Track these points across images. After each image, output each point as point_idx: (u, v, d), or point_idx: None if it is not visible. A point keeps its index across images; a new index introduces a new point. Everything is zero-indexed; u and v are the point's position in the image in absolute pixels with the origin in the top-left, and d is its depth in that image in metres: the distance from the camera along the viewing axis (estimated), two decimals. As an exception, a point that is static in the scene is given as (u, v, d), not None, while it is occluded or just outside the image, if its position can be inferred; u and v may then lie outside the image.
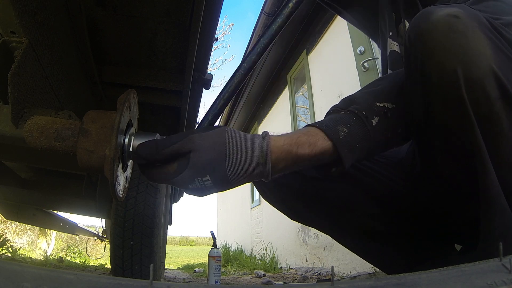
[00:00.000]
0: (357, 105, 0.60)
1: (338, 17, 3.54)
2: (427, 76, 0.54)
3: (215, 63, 13.98)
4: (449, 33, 0.51)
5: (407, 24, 0.93)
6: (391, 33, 0.97)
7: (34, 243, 7.77)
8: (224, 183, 0.52)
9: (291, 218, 0.95)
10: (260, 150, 0.53)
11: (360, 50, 2.98)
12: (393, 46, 0.95)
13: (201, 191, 0.54)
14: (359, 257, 0.95)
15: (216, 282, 2.09)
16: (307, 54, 4.43)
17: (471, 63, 0.50)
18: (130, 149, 0.56)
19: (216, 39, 1.38)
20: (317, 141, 0.56)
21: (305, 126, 0.61)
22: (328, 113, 0.65)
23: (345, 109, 0.61)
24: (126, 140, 0.56)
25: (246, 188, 7.14)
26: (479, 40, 0.51)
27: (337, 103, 0.65)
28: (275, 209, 0.95)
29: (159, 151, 0.52)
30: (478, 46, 0.50)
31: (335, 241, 0.96)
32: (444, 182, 0.67)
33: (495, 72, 0.50)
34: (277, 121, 5.71)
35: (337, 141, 0.56)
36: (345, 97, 0.65)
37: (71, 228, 3.47)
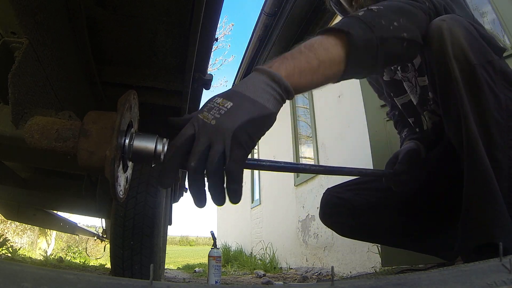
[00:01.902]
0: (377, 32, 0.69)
1: (338, 17, 3.54)
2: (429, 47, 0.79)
3: (215, 63, 13.89)
4: (438, 31, 0.77)
5: None
6: (392, 94, 1.23)
7: (34, 243, 7.77)
8: (249, 101, 0.54)
9: None
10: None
11: (360, 50, 2.98)
12: (400, 100, 1.20)
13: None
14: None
15: (216, 282, 2.09)
16: (307, 54, 4.42)
17: (452, 47, 0.76)
18: (132, 142, 0.56)
19: (216, 39, 1.38)
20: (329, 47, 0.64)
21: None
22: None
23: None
24: (127, 141, 0.56)
25: (246, 188, 7.14)
26: (458, 33, 0.76)
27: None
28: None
29: (174, 144, 0.50)
30: (456, 36, 0.76)
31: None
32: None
33: (465, 50, 0.75)
34: (277, 121, 5.67)
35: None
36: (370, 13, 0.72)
37: (71, 228, 3.46)
